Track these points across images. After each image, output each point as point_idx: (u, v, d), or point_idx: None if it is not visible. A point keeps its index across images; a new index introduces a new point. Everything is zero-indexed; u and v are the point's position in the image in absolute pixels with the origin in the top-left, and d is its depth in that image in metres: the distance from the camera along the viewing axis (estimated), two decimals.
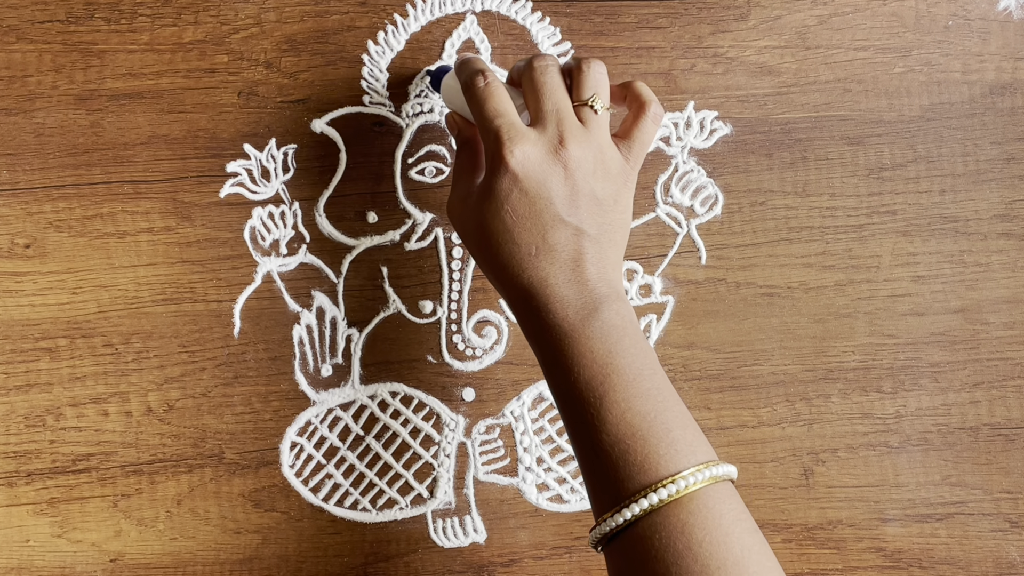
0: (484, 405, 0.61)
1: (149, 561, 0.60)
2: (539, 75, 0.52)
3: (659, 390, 0.48)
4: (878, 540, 0.63)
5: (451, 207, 0.54)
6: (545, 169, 0.50)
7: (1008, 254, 0.63)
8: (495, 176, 0.50)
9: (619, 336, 0.49)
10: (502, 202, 0.50)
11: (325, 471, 0.61)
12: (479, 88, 0.52)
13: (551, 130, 0.50)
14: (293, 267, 0.60)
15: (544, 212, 0.49)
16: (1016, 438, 0.63)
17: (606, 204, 0.51)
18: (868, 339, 0.62)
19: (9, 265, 0.59)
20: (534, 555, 0.62)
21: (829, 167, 0.62)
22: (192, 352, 0.60)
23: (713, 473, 0.46)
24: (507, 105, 0.51)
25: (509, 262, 0.50)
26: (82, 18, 0.59)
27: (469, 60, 0.54)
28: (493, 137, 0.50)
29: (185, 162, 0.59)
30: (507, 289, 0.51)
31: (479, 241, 0.51)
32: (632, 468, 0.46)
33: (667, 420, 0.47)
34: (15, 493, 0.59)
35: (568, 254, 0.50)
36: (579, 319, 0.49)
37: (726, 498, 0.46)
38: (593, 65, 0.52)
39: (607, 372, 0.48)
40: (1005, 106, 0.63)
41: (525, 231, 0.50)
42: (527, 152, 0.49)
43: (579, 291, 0.49)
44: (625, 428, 0.47)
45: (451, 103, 0.56)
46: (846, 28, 0.62)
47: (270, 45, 0.59)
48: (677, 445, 0.47)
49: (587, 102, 0.52)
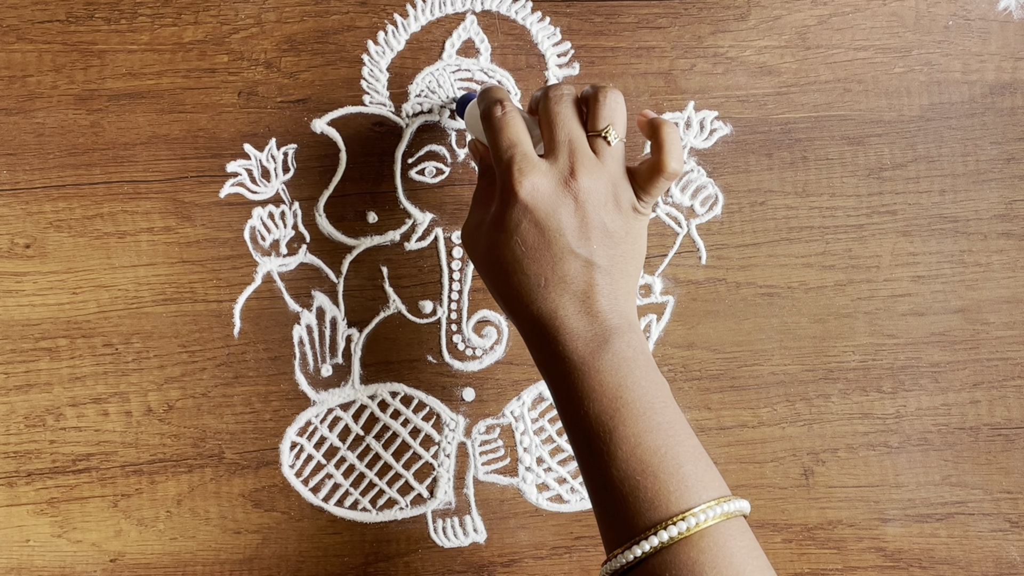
0: (484, 405, 0.61)
1: (149, 561, 0.60)
2: (553, 105, 0.51)
3: (671, 424, 0.48)
4: (878, 540, 0.63)
5: (465, 234, 0.54)
6: (555, 200, 0.49)
7: (1008, 254, 0.63)
8: (506, 206, 0.50)
9: (630, 368, 0.48)
10: (512, 232, 0.49)
11: (325, 471, 0.61)
12: (496, 117, 0.51)
13: (563, 161, 0.50)
14: (293, 267, 0.60)
15: (554, 243, 0.49)
16: (1016, 438, 0.63)
17: (617, 236, 0.50)
18: (868, 339, 0.62)
19: (9, 265, 0.59)
20: (534, 555, 0.62)
21: (829, 167, 0.62)
22: (192, 352, 0.60)
23: (725, 510, 0.46)
24: (522, 135, 0.51)
25: (519, 292, 0.50)
26: (82, 18, 0.59)
27: (490, 89, 0.53)
28: (505, 166, 0.50)
29: (185, 162, 0.59)
30: (518, 319, 0.51)
31: (490, 270, 0.51)
32: (642, 504, 0.46)
33: (678, 455, 0.47)
34: (15, 493, 0.59)
35: (578, 286, 0.49)
36: (589, 351, 0.48)
37: (738, 535, 0.46)
38: (610, 95, 0.51)
39: (617, 406, 0.47)
40: (1005, 106, 0.63)
41: (535, 262, 0.49)
42: (537, 183, 0.49)
43: (589, 323, 0.49)
44: (636, 463, 0.46)
45: (474, 131, 0.56)
46: (846, 28, 0.62)
47: (270, 45, 0.59)
48: (688, 481, 0.46)
49: (601, 133, 0.51)
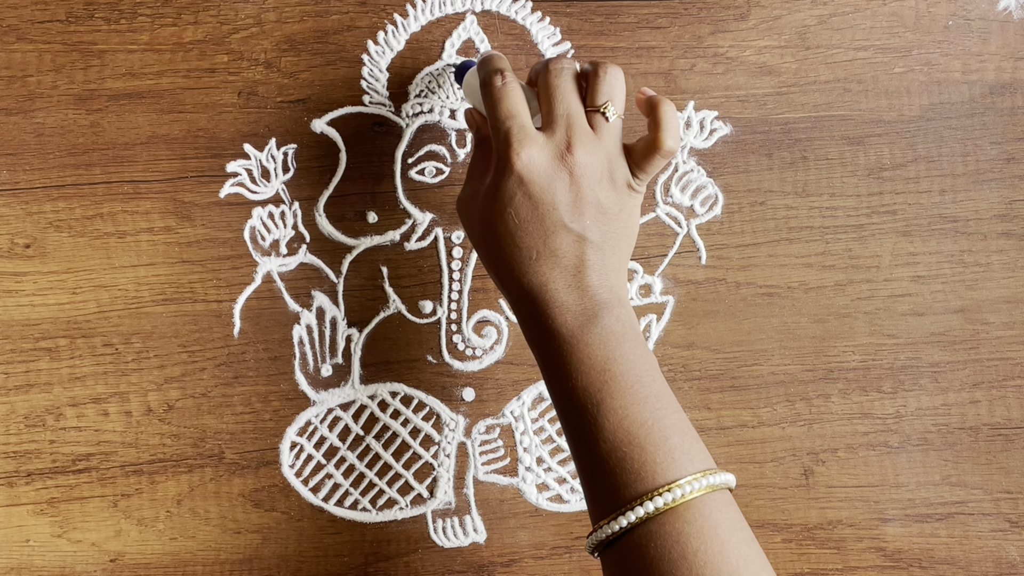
0: (484, 405, 0.61)
1: (149, 561, 0.60)
2: (553, 78, 0.51)
3: (658, 397, 0.48)
4: (878, 540, 0.63)
5: (460, 203, 0.54)
6: (550, 174, 0.49)
7: (1008, 254, 0.63)
8: (501, 177, 0.50)
9: (619, 342, 0.48)
10: (506, 204, 0.50)
11: (325, 471, 0.61)
12: (496, 87, 0.51)
13: (560, 135, 0.50)
14: (293, 267, 0.60)
15: (547, 217, 0.49)
16: (1016, 438, 0.63)
17: (611, 212, 0.50)
18: (868, 339, 0.62)
19: (9, 265, 0.59)
20: (534, 555, 0.62)
21: (829, 167, 0.62)
22: (192, 352, 0.60)
23: (710, 482, 0.46)
24: (520, 107, 0.51)
25: (511, 264, 0.50)
26: (82, 18, 0.59)
27: (491, 58, 0.53)
28: (502, 138, 0.50)
29: (185, 162, 0.59)
30: (508, 291, 0.51)
31: (483, 241, 0.51)
32: (629, 475, 0.46)
33: (665, 427, 0.47)
34: (15, 493, 0.59)
35: (570, 260, 0.49)
36: (578, 325, 0.48)
37: (723, 507, 0.46)
38: (610, 71, 0.52)
39: (605, 379, 0.48)
40: (1005, 106, 0.63)
41: (527, 235, 0.49)
42: (533, 155, 0.49)
43: (579, 297, 0.49)
44: (623, 435, 0.47)
45: (472, 99, 0.56)
46: (846, 28, 0.62)
47: (270, 45, 0.59)
48: (675, 453, 0.46)
49: (599, 108, 0.51)
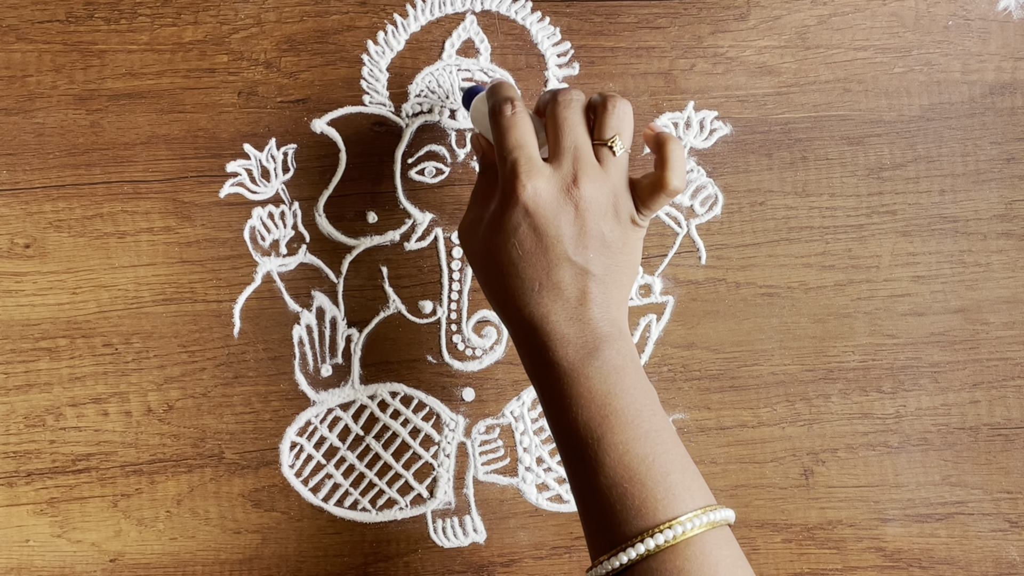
0: (484, 405, 0.61)
1: (149, 561, 0.60)
2: (561, 110, 0.51)
3: (658, 432, 0.48)
4: (878, 540, 0.63)
5: (462, 230, 0.54)
6: (556, 206, 0.49)
7: (1008, 254, 0.63)
8: (506, 207, 0.50)
9: (619, 376, 0.48)
10: (510, 235, 0.49)
11: (325, 471, 0.61)
12: (505, 116, 0.51)
13: (566, 167, 0.50)
14: (293, 267, 0.60)
15: (551, 249, 0.49)
16: (1016, 438, 0.63)
17: (614, 246, 0.50)
18: (868, 339, 0.62)
19: (9, 265, 0.59)
20: (534, 555, 0.62)
21: (829, 167, 0.62)
22: (192, 352, 0.60)
23: (711, 519, 0.46)
24: (528, 137, 0.51)
25: (512, 295, 0.50)
26: (82, 18, 0.59)
27: (501, 86, 0.53)
28: (509, 168, 0.50)
29: (185, 162, 0.59)
30: (509, 322, 0.51)
31: (485, 270, 0.51)
32: (629, 512, 0.46)
33: (666, 463, 0.47)
34: (15, 493, 0.59)
35: (572, 293, 0.49)
36: (579, 358, 0.48)
37: (723, 544, 0.46)
38: (619, 104, 0.51)
39: (606, 413, 0.47)
40: (1005, 106, 0.63)
41: (530, 266, 0.49)
42: (539, 187, 0.49)
43: (580, 330, 0.49)
44: (623, 471, 0.46)
45: (479, 125, 0.56)
46: (846, 28, 0.62)
47: (270, 45, 0.59)
48: (675, 489, 0.46)
49: (607, 142, 0.51)
